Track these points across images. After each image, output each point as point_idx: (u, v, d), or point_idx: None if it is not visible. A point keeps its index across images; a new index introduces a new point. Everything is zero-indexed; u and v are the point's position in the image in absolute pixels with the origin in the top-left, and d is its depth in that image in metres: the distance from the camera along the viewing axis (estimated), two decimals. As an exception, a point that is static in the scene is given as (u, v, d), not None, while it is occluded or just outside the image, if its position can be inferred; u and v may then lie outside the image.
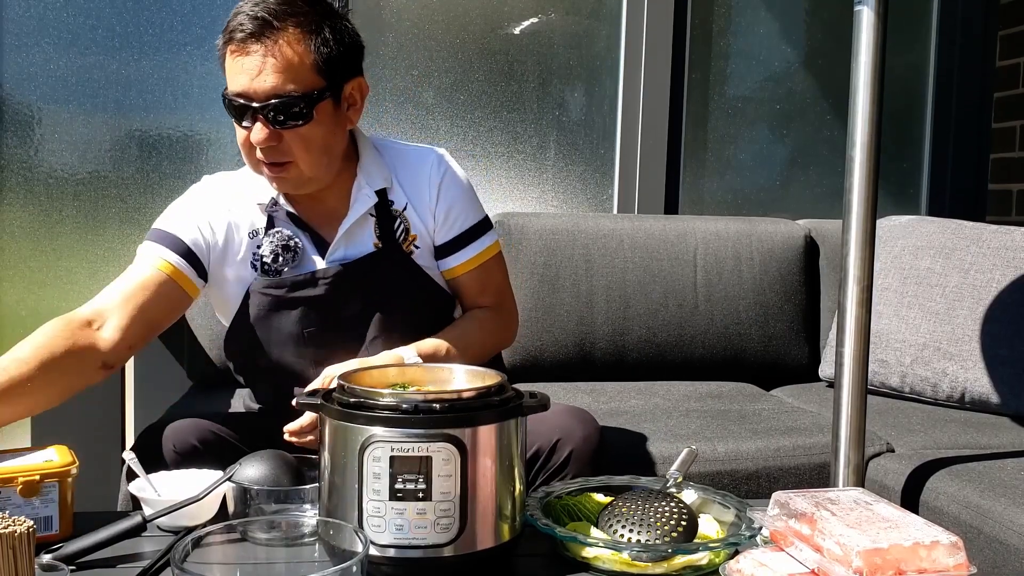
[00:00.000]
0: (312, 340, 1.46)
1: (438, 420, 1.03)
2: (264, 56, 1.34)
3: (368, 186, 1.49)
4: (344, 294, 1.46)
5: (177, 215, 1.50)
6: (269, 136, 1.36)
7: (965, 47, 3.06)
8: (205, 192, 1.54)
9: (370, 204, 1.48)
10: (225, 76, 1.41)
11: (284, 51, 1.34)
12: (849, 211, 1.57)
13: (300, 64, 1.35)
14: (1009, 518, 1.48)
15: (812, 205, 2.99)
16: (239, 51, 1.36)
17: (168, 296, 1.42)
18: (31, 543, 0.91)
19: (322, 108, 1.38)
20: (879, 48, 1.55)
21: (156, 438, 1.42)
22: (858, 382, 1.58)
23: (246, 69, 1.35)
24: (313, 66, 1.37)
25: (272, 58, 1.34)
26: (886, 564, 0.94)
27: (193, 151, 2.59)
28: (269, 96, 1.34)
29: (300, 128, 1.36)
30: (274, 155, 1.38)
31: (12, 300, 2.50)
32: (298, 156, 1.38)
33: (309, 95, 1.36)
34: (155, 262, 1.43)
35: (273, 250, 1.47)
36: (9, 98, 2.49)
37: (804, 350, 2.51)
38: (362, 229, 1.49)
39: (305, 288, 1.45)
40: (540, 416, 1.14)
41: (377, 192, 1.49)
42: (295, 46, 1.35)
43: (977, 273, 2.19)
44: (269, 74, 1.34)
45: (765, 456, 1.83)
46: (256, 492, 1.16)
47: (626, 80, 2.80)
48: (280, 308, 1.46)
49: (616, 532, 1.13)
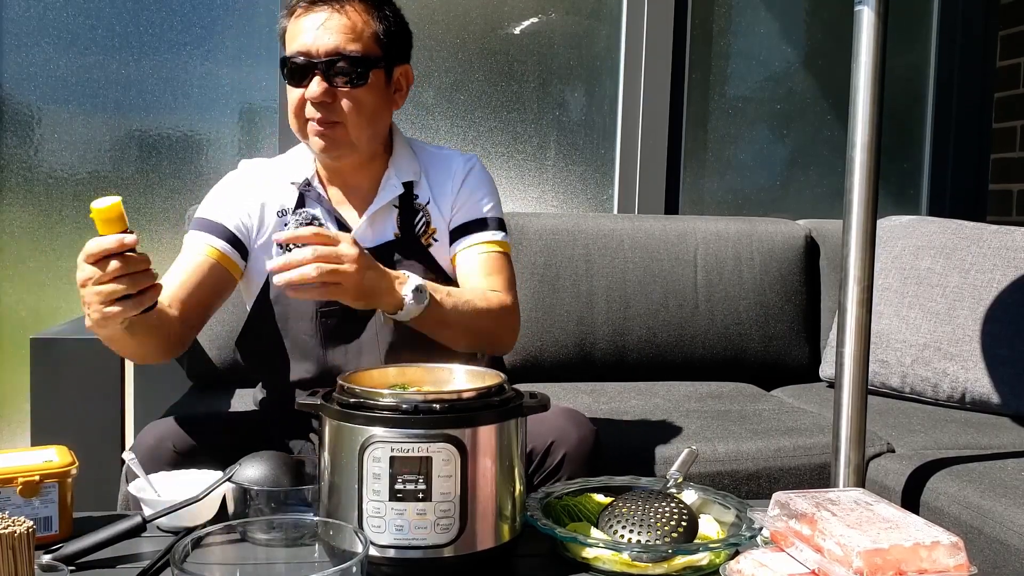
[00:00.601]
0: (326, 319, 1.49)
1: (438, 420, 1.03)
2: (330, 14, 1.43)
3: (396, 177, 1.54)
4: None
5: (216, 202, 1.55)
6: (325, 92, 1.42)
7: (965, 47, 3.06)
8: (240, 177, 1.59)
9: (396, 194, 1.53)
10: (285, 46, 1.48)
11: (349, 14, 1.44)
12: (849, 211, 1.57)
13: (362, 30, 1.45)
14: (1010, 518, 1.48)
15: (812, 205, 2.99)
16: (306, 11, 1.44)
17: (217, 279, 1.49)
18: (31, 543, 0.91)
19: (376, 76, 1.46)
20: (879, 48, 1.55)
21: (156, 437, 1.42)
22: (858, 382, 1.58)
23: (312, 25, 1.43)
24: (373, 36, 1.46)
25: (338, 17, 1.43)
26: (886, 564, 0.94)
27: (193, 151, 2.59)
28: (331, 53, 1.42)
29: (355, 90, 1.44)
30: (327, 112, 1.44)
31: (12, 300, 2.50)
32: (348, 118, 1.44)
33: (368, 59, 1.44)
34: (203, 249, 1.49)
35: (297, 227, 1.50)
36: (9, 98, 2.49)
37: (804, 350, 2.51)
38: (385, 218, 1.54)
39: None
40: (535, 417, 1.14)
41: (404, 184, 1.54)
42: (360, 14, 1.45)
43: (977, 273, 2.19)
44: (333, 32, 1.42)
45: (765, 456, 1.83)
46: (256, 492, 1.16)
47: (626, 80, 2.80)
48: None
49: (616, 533, 1.13)
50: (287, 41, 1.47)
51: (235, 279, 1.53)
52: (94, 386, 1.73)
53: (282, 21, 1.49)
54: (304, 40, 1.43)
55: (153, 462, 1.37)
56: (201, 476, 1.29)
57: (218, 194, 1.56)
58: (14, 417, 2.55)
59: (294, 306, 1.49)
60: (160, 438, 1.41)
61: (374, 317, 1.47)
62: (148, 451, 1.39)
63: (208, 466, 1.34)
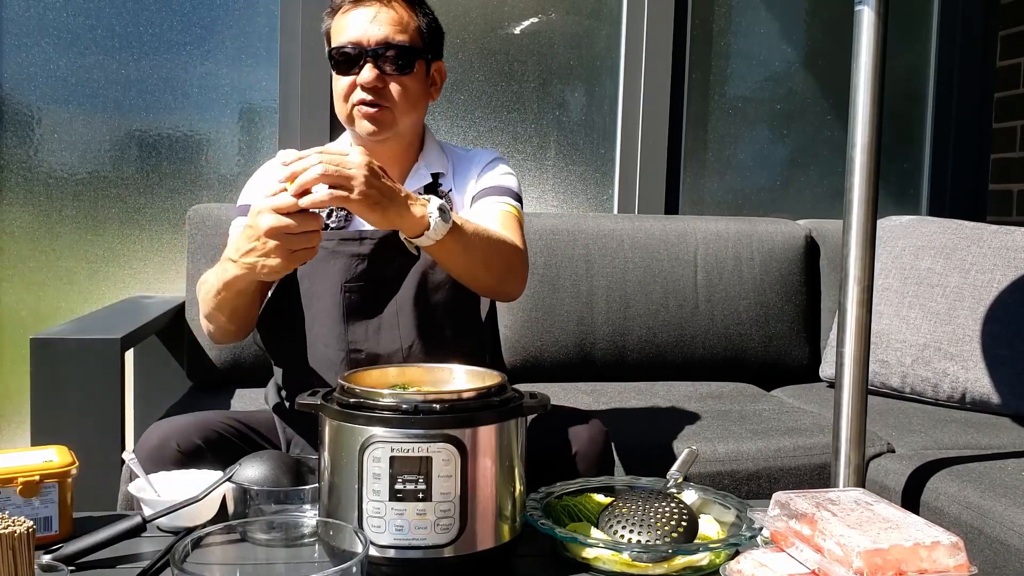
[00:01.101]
0: (350, 294, 1.51)
1: (438, 420, 1.03)
2: (379, 8, 1.53)
3: (426, 168, 1.62)
4: (385, 256, 1.52)
5: (254, 188, 1.63)
6: (377, 78, 1.51)
7: (965, 47, 3.06)
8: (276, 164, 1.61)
9: (424, 182, 1.61)
10: (331, 41, 1.57)
11: (397, 8, 1.54)
12: (849, 211, 1.57)
13: (408, 23, 1.55)
14: (1010, 518, 1.48)
15: (812, 205, 2.99)
16: (354, 6, 1.54)
17: None
18: (31, 543, 0.91)
19: (420, 66, 1.56)
20: (879, 48, 1.55)
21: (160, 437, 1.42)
22: (859, 382, 1.58)
23: (363, 18, 1.53)
24: (417, 29, 1.56)
25: (386, 10, 1.53)
26: (887, 564, 0.94)
27: (193, 151, 2.59)
28: (381, 43, 1.51)
29: (403, 77, 1.53)
30: (377, 97, 1.53)
31: (12, 300, 2.50)
32: (396, 103, 1.54)
33: (414, 49, 1.54)
34: None
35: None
36: (9, 98, 2.49)
37: (805, 350, 2.51)
38: None
39: (351, 244, 1.53)
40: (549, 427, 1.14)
41: (432, 175, 1.62)
42: (405, 10, 1.55)
43: (978, 273, 2.19)
44: (383, 23, 1.52)
45: (765, 456, 1.83)
46: (256, 492, 1.16)
47: (626, 80, 2.80)
48: (327, 260, 1.52)
49: (616, 533, 1.13)
50: (334, 35, 1.56)
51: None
52: (94, 386, 1.73)
53: (326, 20, 1.58)
54: (354, 32, 1.52)
55: (157, 462, 1.37)
56: (201, 476, 1.29)
57: (255, 181, 1.65)
58: (14, 417, 2.55)
59: (319, 282, 1.53)
60: (164, 438, 1.41)
61: (396, 296, 1.50)
62: (152, 451, 1.39)
63: (212, 466, 1.34)
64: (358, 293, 1.51)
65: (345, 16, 1.55)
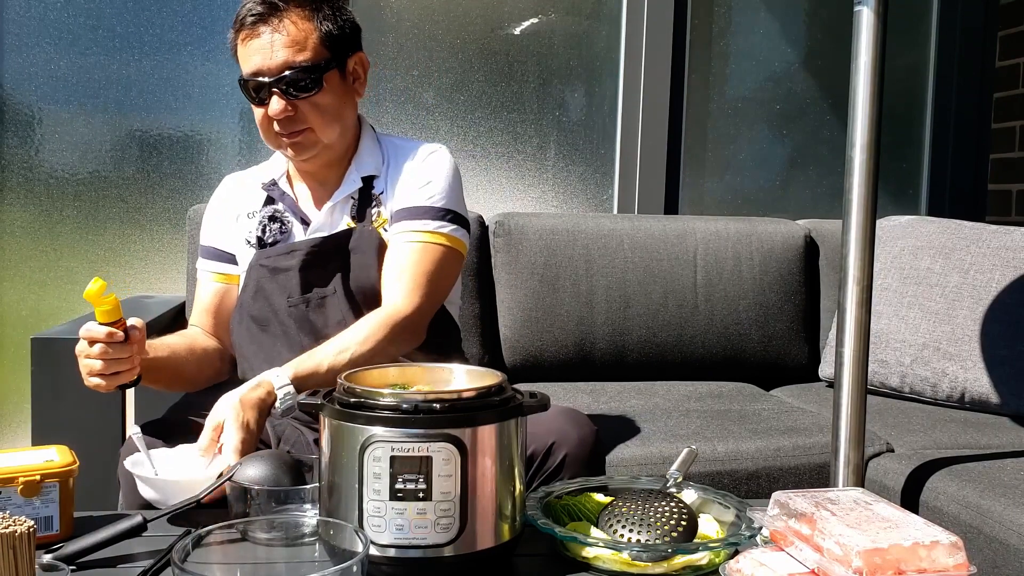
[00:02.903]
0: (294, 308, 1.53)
1: (438, 420, 1.03)
2: (273, 34, 1.47)
3: (357, 172, 1.59)
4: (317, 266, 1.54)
5: (207, 227, 1.70)
6: (285, 107, 1.48)
7: (965, 47, 3.06)
8: (219, 195, 1.71)
9: (354, 188, 1.58)
10: (240, 66, 1.53)
11: (291, 28, 1.48)
12: (849, 211, 1.57)
13: (306, 38, 1.49)
14: (1009, 518, 1.48)
15: (812, 205, 2.99)
16: (250, 35, 1.49)
17: (231, 297, 1.65)
18: (31, 543, 0.91)
19: (330, 78, 1.51)
20: (879, 48, 1.55)
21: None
22: (858, 382, 1.58)
23: (259, 48, 1.48)
24: (319, 40, 1.50)
25: (281, 35, 1.47)
26: (886, 564, 0.95)
27: (193, 151, 2.59)
28: (281, 69, 1.47)
29: (313, 96, 1.49)
30: (292, 124, 1.50)
31: (12, 300, 2.50)
32: (313, 123, 1.50)
33: (317, 65, 1.49)
34: (211, 278, 1.67)
35: (261, 222, 1.62)
36: (9, 98, 2.49)
37: (804, 350, 2.51)
38: (342, 210, 1.59)
39: (286, 258, 1.55)
40: (535, 418, 1.14)
41: (364, 179, 1.59)
42: (300, 24, 1.48)
43: (977, 273, 2.19)
44: (279, 49, 1.47)
45: (765, 456, 1.83)
46: (256, 492, 1.16)
47: (626, 80, 2.81)
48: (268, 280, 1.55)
49: (616, 532, 1.13)
50: (240, 61, 1.52)
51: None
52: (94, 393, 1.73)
53: (232, 38, 1.53)
54: (255, 62, 1.48)
55: None
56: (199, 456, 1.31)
57: (207, 218, 1.70)
58: (14, 417, 2.55)
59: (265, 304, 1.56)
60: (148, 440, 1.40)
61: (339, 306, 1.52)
62: None
63: None
64: (301, 308, 1.53)
65: (245, 45, 1.50)
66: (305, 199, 1.63)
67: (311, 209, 1.62)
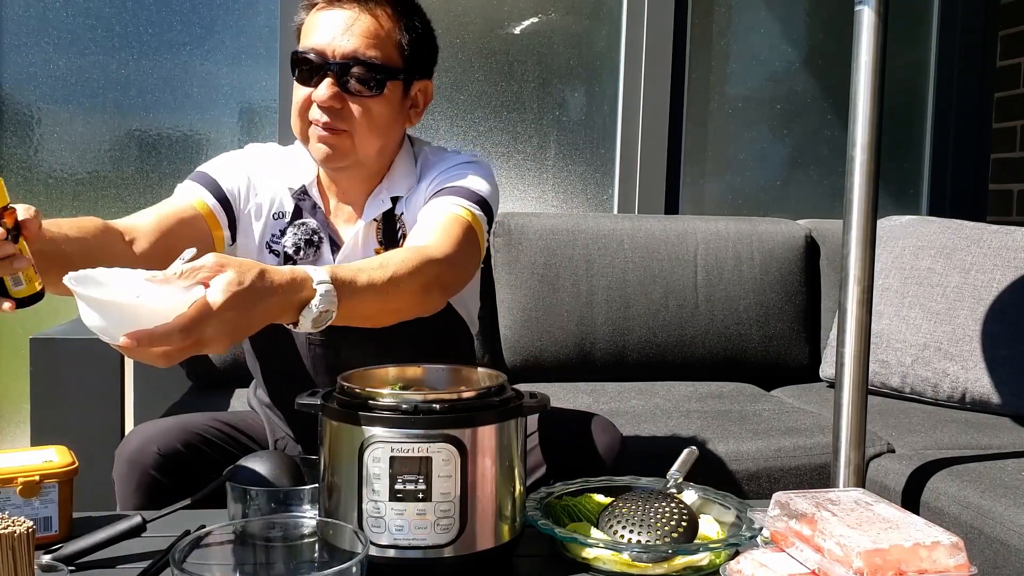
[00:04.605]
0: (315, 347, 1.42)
1: (438, 420, 1.02)
2: (357, 14, 1.34)
3: (387, 192, 1.45)
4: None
5: (223, 165, 1.47)
6: (334, 96, 1.33)
7: (965, 47, 3.06)
8: (257, 154, 1.51)
9: (382, 210, 1.44)
10: (300, 37, 1.39)
11: (375, 20, 1.34)
12: (850, 211, 1.57)
13: (387, 37, 1.35)
14: (1010, 518, 1.48)
15: (813, 205, 2.99)
16: (330, 5, 1.35)
17: (196, 233, 1.38)
18: (30, 544, 0.91)
19: (393, 88, 1.37)
20: (879, 48, 1.55)
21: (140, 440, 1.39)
22: (859, 382, 1.58)
23: (334, 23, 1.34)
24: (396, 45, 1.37)
25: (364, 19, 1.34)
26: (887, 565, 0.94)
27: (193, 151, 2.59)
28: (348, 56, 1.33)
29: (368, 99, 1.35)
30: (333, 118, 1.35)
31: (12, 300, 2.50)
32: (356, 128, 1.36)
33: (387, 68, 1.35)
34: (191, 199, 1.40)
35: (296, 242, 1.45)
36: (9, 98, 2.49)
37: (805, 350, 2.51)
38: (370, 233, 1.46)
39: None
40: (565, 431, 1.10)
41: (393, 199, 1.45)
42: (386, 21, 1.35)
43: (978, 273, 2.19)
44: (355, 35, 1.33)
45: (765, 457, 1.83)
46: (256, 492, 1.16)
47: (626, 80, 2.80)
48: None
49: (616, 533, 1.13)
50: (303, 34, 1.38)
51: (213, 243, 1.41)
52: (94, 386, 1.73)
53: (300, 14, 1.40)
54: (321, 38, 1.34)
55: (137, 466, 1.35)
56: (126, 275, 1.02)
57: (228, 158, 1.49)
58: (14, 417, 2.55)
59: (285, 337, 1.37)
60: (145, 442, 1.38)
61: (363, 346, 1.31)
62: (132, 454, 1.36)
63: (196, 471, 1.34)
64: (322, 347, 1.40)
65: (317, 15, 1.36)
66: (336, 215, 1.47)
67: (342, 227, 1.47)
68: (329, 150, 1.36)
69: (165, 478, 1.36)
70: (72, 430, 1.69)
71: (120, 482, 1.38)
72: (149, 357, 0.93)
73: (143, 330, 0.91)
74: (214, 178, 1.44)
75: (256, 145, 1.54)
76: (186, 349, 0.94)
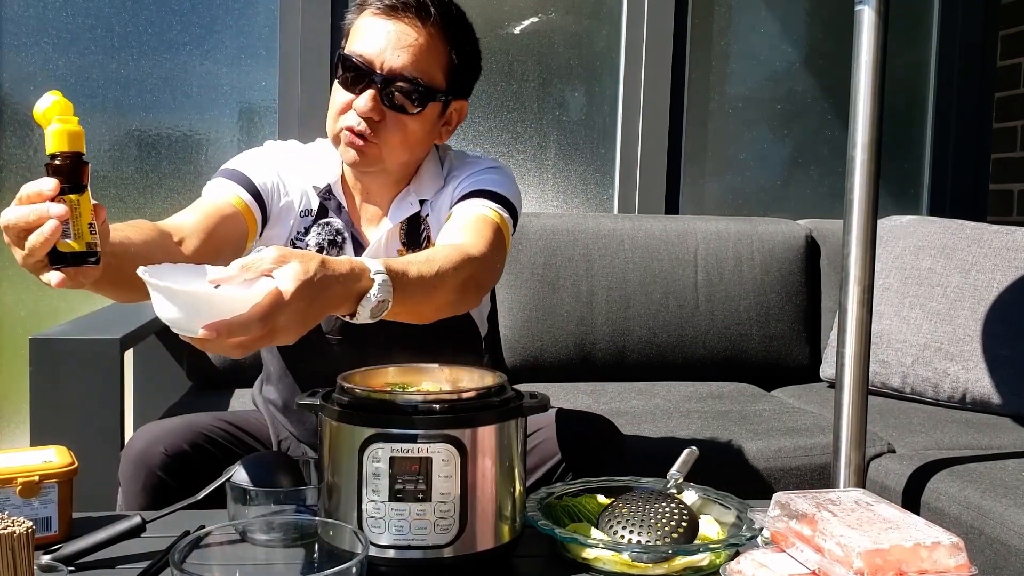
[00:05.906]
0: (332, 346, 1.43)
1: (438, 420, 1.02)
2: (410, 31, 1.34)
3: (415, 194, 1.46)
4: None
5: (251, 161, 1.46)
6: (374, 109, 1.34)
7: (965, 47, 3.06)
8: (282, 150, 1.51)
9: (409, 213, 1.46)
10: (349, 38, 1.39)
11: (427, 39, 1.35)
12: (850, 211, 1.57)
13: (436, 59, 1.37)
14: (1010, 519, 1.48)
15: (813, 205, 2.99)
16: (385, 14, 1.35)
17: (238, 229, 1.38)
18: (30, 544, 0.91)
19: (433, 108, 1.39)
20: (879, 48, 1.55)
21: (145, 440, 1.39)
22: (859, 382, 1.58)
23: (387, 35, 1.34)
24: (443, 67, 1.38)
25: (415, 37, 1.34)
26: (887, 565, 0.94)
27: (192, 151, 2.59)
28: (396, 72, 1.34)
29: (407, 116, 1.36)
30: (369, 128, 1.35)
31: (12, 300, 2.50)
32: (388, 140, 1.37)
33: (431, 89, 1.36)
34: (229, 197, 1.39)
35: (319, 242, 1.46)
36: (8, 98, 2.49)
37: (805, 350, 2.51)
38: (394, 235, 1.47)
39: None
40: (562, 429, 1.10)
41: (420, 202, 1.47)
42: (437, 42, 1.36)
43: (978, 273, 2.18)
44: (406, 51, 1.34)
45: (766, 457, 1.83)
46: (255, 493, 1.15)
47: (626, 80, 2.80)
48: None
49: (616, 533, 1.13)
50: (352, 37, 1.37)
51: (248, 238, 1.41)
52: (94, 386, 1.72)
53: (351, 13, 1.40)
54: (371, 47, 1.34)
55: (142, 466, 1.35)
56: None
57: (255, 153, 1.48)
58: (14, 417, 2.55)
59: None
60: (151, 442, 1.37)
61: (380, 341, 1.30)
62: (138, 455, 1.36)
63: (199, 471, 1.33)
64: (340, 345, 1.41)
65: (372, 21, 1.35)
66: (360, 215, 1.48)
67: (366, 227, 1.48)
68: (358, 156, 1.38)
69: (171, 479, 1.35)
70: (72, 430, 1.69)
71: (126, 483, 1.38)
72: (225, 348, 0.93)
73: (222, 321, 0.90)
74: (246, 174, 1.44)
75: (276, 142, 1.53)
76: (262, 339, 0.94)
